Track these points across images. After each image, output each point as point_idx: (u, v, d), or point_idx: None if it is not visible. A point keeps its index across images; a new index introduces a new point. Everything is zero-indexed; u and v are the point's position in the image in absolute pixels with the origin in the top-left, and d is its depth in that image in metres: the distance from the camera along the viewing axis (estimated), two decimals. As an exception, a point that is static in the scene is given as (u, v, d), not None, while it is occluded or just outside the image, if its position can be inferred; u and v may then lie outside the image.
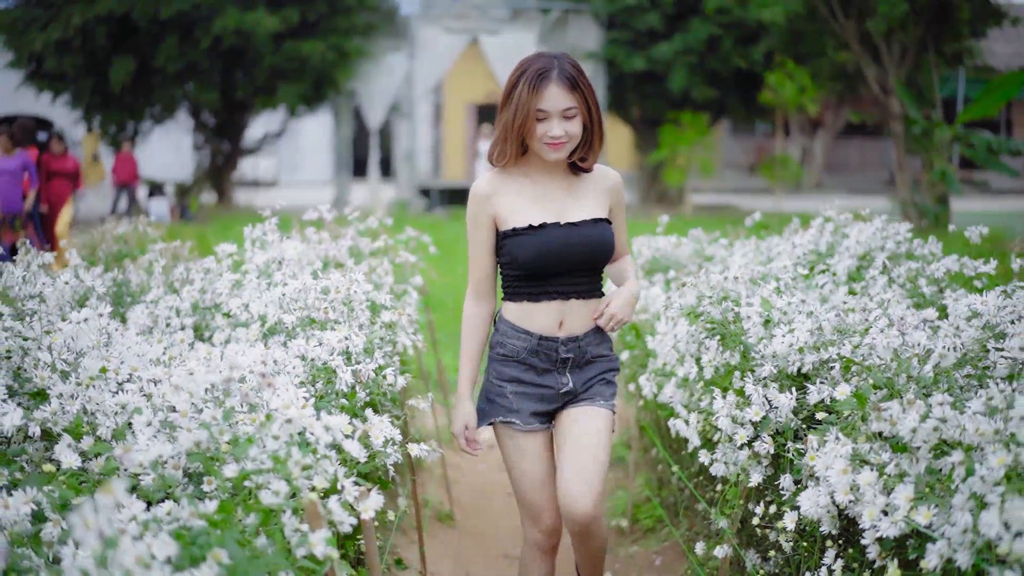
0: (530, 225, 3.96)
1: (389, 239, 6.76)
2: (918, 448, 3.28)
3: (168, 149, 35.28)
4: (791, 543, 3.87)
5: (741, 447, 4.08)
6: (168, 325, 5.09)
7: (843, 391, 3.55)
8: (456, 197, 30.57)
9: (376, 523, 4.40)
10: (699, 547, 4.71)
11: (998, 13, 23.29)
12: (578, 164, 4.03)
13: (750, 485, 4.04)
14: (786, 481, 3.85)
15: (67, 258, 5.43)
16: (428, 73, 29.36)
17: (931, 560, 2.76)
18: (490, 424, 4.14)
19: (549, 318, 4.01)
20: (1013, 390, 3.39)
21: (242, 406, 3.41)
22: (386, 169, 36.66)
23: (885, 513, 3.14)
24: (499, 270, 4.15)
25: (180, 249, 6.70)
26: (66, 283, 4.69)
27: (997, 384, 3.49)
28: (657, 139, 30.43)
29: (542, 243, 3.94)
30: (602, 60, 29.91)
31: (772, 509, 4.07)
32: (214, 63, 26.79)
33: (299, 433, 3.31)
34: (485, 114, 37.05)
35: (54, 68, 25.97)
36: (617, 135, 34.87)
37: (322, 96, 28.60)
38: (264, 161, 38.61)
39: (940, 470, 3.16)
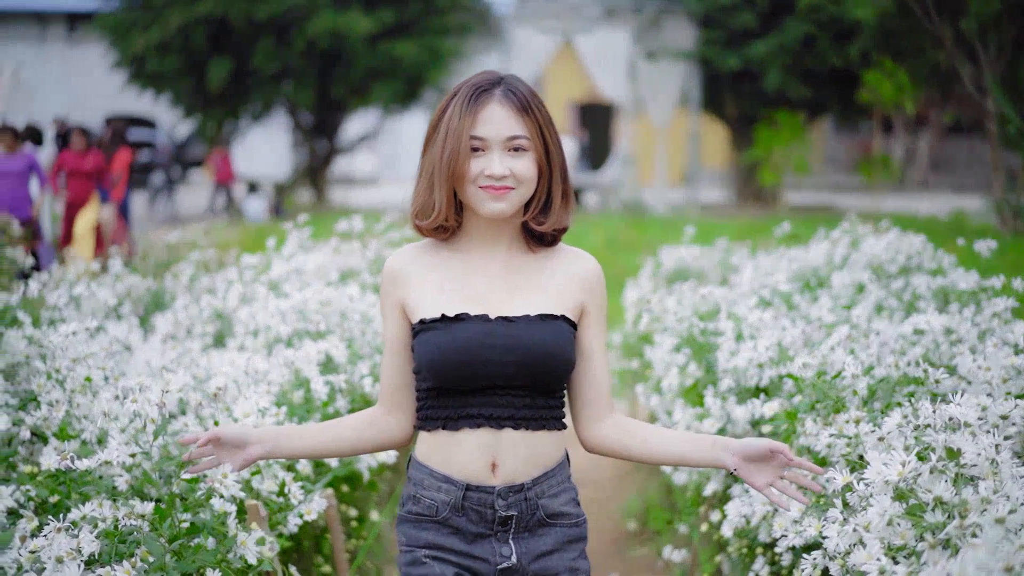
0: (443, 316, 2.76)
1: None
2: (836, 462, 3.49)
3: (268, 148, 36.08)
4: (734, 549, 4.08)
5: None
6: (189, 333, 5.43)
7: (772, 407, 3.75)
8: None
9: (355, 523, 4.69)
10: (666, 550, 4.93)
11: (1098, 9, 22.89)
12: (531, 227, 2.83)
13: (705, 494, 4.25)
14: (736, 490, 4.06)
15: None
16: (522, 73, 29.63)
17: (805, 569, 2.96)
18: None
19: (475, 456, 2.77)
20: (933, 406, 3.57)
21: (220, 411, 3.72)
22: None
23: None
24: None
25: (224, 255, 7.06)
26: (72, 297, 5.02)
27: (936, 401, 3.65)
28: (752, 137, 30.38)
29: (451, 341, 2.73)
30: (697, 59, 29.95)
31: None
32: (309, 64, 27.35)
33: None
34: (587, 112, 37.52)
35: (155, 69, 26.80)
36: (713, 133, 34.87)
37: (416, 95, 29.04)
38: (365, 158, 39.23)
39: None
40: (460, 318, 2.75)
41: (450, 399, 2.77)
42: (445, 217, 2.76)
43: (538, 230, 2.81)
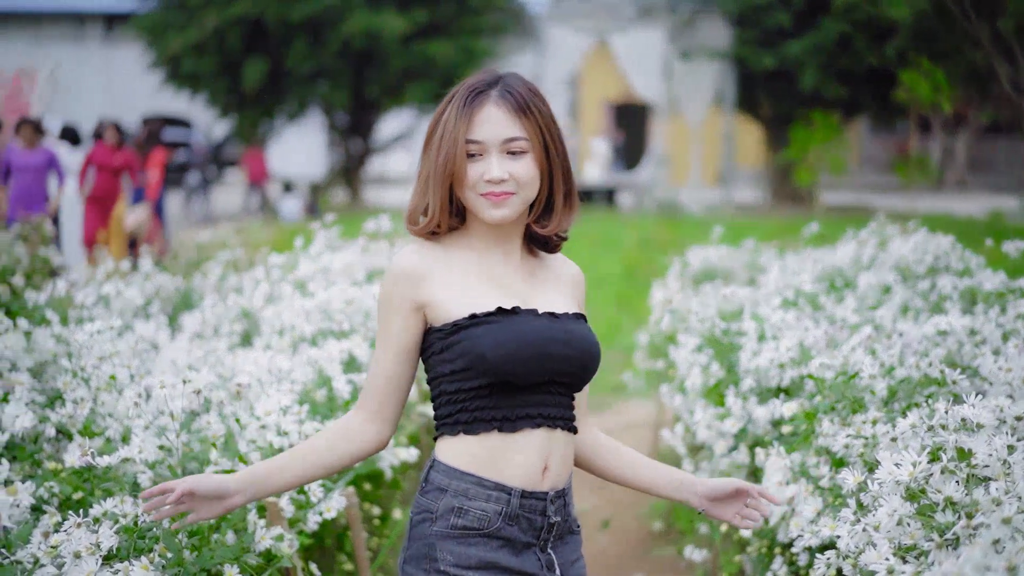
0: (499, 308, 2.58)
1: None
2: (854, 463, 3.49)
3: (303, 148, 36.26)
4: (753, 549, 4.09)
5: (722, 456, 4.31)
6: (216, 332, 5.48)
7: (791, 407, 3.75)
8: (592, 196, 30.38)
9: (378, 521, 4.72)
10: (687, 550, 4.94)
11: None
12: (533, 230, 2.71)
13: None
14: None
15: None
16: (557, 73, 29.63)
17: (818, 568, 2.97)
18: None
19: (532, 460, 2.61)
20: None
21: (244, 409, 3.76)
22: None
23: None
24: (436, 394, 2.68)
25: (255, 254, 7.11)
26: (100, 296, 5.06)
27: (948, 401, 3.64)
28: (787, 137, 30.24)
29: (514, 334, 2.57)
30: (732, 59, 29.85)
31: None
32: (344, 64, 27.48)
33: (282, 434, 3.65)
34: (622, 112, 37.49)
35: (191, 69, 27.06)
36: (747, 133, 34.77)
37: (449, 95, 29.06)
38: (399, 158, 39.36)
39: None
40: (516, 311, 2.59)
41: (506, 398, 2.57)
42: (438, 223, 2.63)
43: (541, 233, 2.70)
